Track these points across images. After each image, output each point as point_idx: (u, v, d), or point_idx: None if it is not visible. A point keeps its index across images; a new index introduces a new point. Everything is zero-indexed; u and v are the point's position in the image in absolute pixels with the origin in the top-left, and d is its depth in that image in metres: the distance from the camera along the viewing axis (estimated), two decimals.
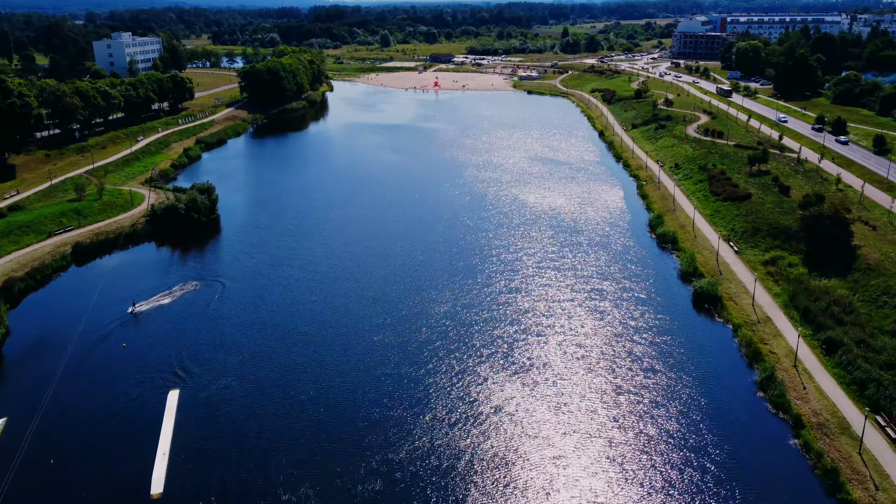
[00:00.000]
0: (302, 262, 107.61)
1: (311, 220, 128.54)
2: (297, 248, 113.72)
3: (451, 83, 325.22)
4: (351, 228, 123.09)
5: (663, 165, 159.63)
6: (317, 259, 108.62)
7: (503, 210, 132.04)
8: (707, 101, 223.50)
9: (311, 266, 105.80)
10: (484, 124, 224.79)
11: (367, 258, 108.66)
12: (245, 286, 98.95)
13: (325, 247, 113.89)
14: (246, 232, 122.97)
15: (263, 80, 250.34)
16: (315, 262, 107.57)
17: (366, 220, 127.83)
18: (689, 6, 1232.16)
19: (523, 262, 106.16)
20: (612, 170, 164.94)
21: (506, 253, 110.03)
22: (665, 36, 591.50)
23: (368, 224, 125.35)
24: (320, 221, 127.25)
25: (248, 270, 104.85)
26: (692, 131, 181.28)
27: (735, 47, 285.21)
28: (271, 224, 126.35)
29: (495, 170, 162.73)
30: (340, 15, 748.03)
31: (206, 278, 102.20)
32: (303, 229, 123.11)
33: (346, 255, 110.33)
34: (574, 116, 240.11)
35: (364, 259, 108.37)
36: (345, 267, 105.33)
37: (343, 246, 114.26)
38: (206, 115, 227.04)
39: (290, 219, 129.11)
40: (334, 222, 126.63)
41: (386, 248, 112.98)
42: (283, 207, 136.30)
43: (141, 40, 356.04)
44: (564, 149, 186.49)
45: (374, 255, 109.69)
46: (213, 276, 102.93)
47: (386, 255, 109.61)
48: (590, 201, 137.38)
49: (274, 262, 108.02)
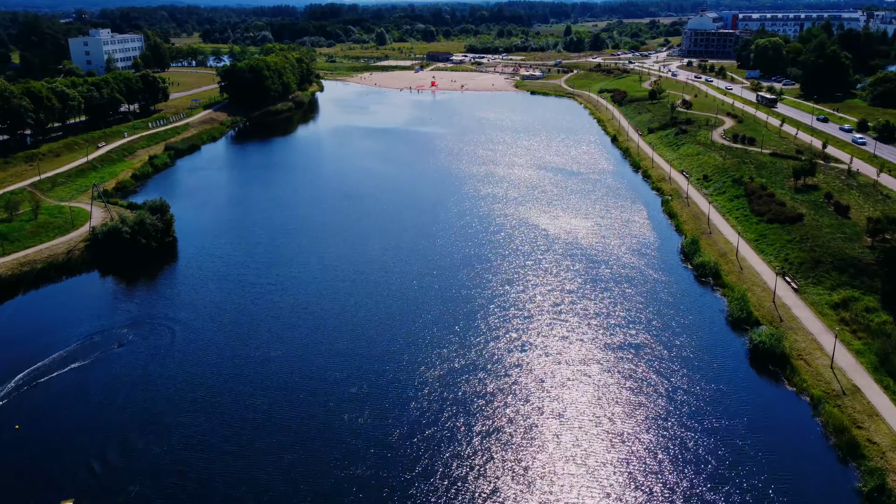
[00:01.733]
0: (268, 303, 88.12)
1: (283, 247, 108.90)
2: (262, 285, 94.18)
3: (449, 83, 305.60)
4: (329, 260, 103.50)
5: (689, 177, 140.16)
6: (285, 300, 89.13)
7: (509, 235, 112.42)
8: (730, 102, 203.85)
9: (277, 309, 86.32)
10: (485, 128, 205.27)
11: (344, 301, 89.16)
12: (195, 336, 79.50)
13: (296, 284, 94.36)
14: (205, 261, 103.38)
15: (245, 79, 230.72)
16: (283, 303, 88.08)
17: (347, 247, 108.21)
18: (690, 5, 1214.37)
19: (536, 305, 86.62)
20: (631, 181, 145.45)
21: (514, 292, 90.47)
22: (670, 34, 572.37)
23: (350, 253, 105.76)
24: (293, 250, 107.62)
25: (202, 314, 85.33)
26: (718, 137, 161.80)
27: (754, 45, 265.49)
28: (235, 251, 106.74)
29: (498, 183, 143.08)
30: (336, 13, 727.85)
31: (149, 324, 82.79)
32: (273, 259, 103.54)
33: (320, 296, 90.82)
34: (582, 119, 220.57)
35: (340, 302, 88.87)
36: (316, 312, 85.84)
37: (317, 283, 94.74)
38: (181, 118, 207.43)
39: (259, 246, 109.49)
40: (310, 251, 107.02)
41: (367, 288, 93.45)
42: (252, 230, 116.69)
43: (121, 37, 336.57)
44: (575, 157, 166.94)
45: (352, 297, 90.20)
46: (157, 321, 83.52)
47: (366, 299, 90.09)
48: (609, 222, 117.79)
49: (235, 302, 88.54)
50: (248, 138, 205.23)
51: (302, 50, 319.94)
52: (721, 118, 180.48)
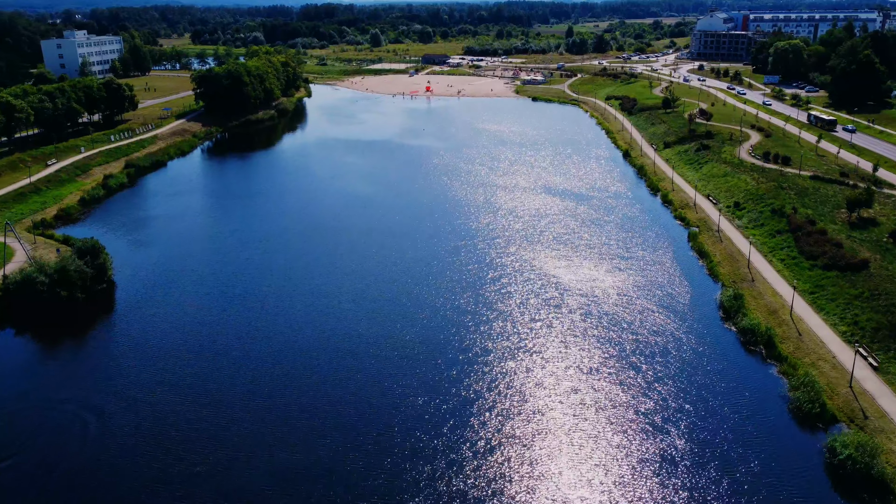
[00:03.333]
0: (217, 372, 69.53)
1: (240, 296, 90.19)
2: (211, 348, 75.52)
3: (445, 88, 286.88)
4: (292, 314, 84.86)
5: (718, 203, 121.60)
6: (239, 367, 70.58)
7: (511, 287, 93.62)
8: (753, 113, 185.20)
9: (231, 380, 67.75)
10: (483, 140, 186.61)
11: (307, 371, 70.60)
12: (125, 422, 60.90)
13: (253, 345, 75.77)
14: (148, 314, 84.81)
15: (222, 86, 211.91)
16: (237, 371, 69.51)
17: (316, 296, 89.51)
18: (692, 5, 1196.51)
19: (549, 393, 68.01)
20: (649, 208, 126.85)
21: (519, 375, 71.85)
22: (675, 35, 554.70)
23: (318, 303, 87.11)
24: (253, 299, 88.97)
25: (129, 399, 66.67)
26: (745, 154, 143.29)
27: (772, 48, 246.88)
28: (185, 300, 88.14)
29: (499, 212, 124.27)
30: (331, 13, 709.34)
31: (63, 408, 64.30)
32: (227, 310, 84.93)
33: (280, 363, 72.23)
34: (589, 130, 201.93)
35: (303, 373, 70.31)
36: (273, 383, 67.29)
37: (276, 345, 76.15)
38: (149, 129, 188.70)
39: (213, 295, 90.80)
40: (271, 301, 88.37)
41: (335, 360, 74.86)
42: (207, 273, 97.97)
43: (97, 39, 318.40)
44: (583, 176, 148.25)
45: (317, 371, 71.63)
46: (77, 403, 65.06)
47: (330, 376, 71.52)
48: (628, 264, 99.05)
49: (176, 372, 70.00)
50: (222, 152, 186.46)
51: (288, 53, 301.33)
52: (746, 131, 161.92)
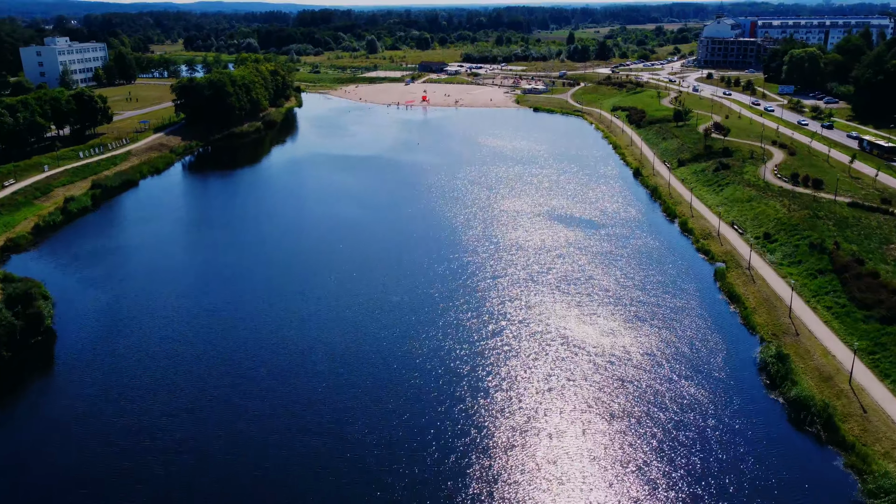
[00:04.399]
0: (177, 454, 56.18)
1: (204, 349, 76.85)
2: (167, 420, 62.22)
3: (442, 98, 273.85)
4: (260, 377, 71.53)
5: (744, 233, 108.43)
6: (193, 438, 57.26)
7: (515, 346, 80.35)
8: (773, 127, 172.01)
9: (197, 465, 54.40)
10: (482, 156, 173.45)
11: (279, 449, 57.21)
12: None
13: (212, 413, 62.46)
14: (92, 374, 71.74)
15: (204, 96, 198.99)
16: (202, 458, 56.16)
17: (286, 354, 76.15)
18: (693, 10, 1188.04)
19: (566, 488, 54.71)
20: (667, 237, 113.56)
21: (528, 473, 58.51)
22: (679, 41, 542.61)
23: (288, 364, 73.77)
24: (218, 353, 75.64)
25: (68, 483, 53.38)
26: (770, 175, 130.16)
27: (787, 56, 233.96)
28: (139, 355, 74.86)
29: (499, 246, 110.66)
30: (328, 18, 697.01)
31: None
32: (189, 368, 71.64)
33: (246, 441, 58.87)
34: (595, 145, 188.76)
35: (275, 452, 56.93)
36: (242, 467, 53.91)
37: (243, 417, 62.82)
38: (123, 144, 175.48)
39: (173, 348, 77.43)
40: (237, 358, 75.05)
41: (305, 437, 61.50)
42: (167, 320, 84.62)
43: (80, 46, 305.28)
44: (592, 199, 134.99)
45: (288, 447, 58.25)
46: None
47: (302, 454, 58.17)
48: (650, 312, 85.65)
49: (126, 456, 56.71)
50: (200, 169, 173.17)
51: (279, 60, 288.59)
52: (768, 149, 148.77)
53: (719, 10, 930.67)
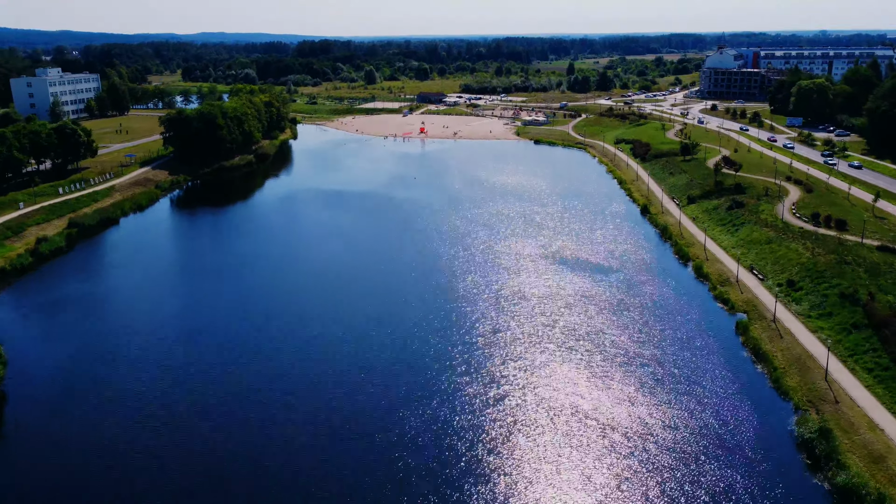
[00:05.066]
0: None
1: (161, 432, 68.09)
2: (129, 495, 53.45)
3: (440, 129, 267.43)
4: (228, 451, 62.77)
5: (765, 279, 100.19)
6: None
7: (521, 419, 71.57)
8: (786, 162, 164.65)
9: None
10: (481, 192, 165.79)
11: None
12: None
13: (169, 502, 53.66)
14: (44, 443, 62.96)
15: (194, 129, 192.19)
16: None
17: (254, 427, 67.44)
18: (691, 41, 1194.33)
19: None
20: (680, 282, 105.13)
21: None
22: (679, 72, 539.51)
23: (264, 443, 65.02)
24: (181, 421, 66.90)
25: None
26: (789, 214, 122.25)
27: (794, 87, 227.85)
28: (99, 422, 66.11)
29: (500, 296, 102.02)
30: (327, 49, 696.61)
31: None
32: (151, 436, 62.82)
33: None
34: (600, 180, 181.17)
35: None
36: None
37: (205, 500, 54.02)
38: (107, 179, 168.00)
39: (136, 412, 68.75)
40: (203, 450, 66.27)
41: None
42: (131, 383, 75.96)
43: (72, 77, 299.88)
44: (598, 240, 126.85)
45: None
46: None
47: None
48: (667, 372, 76.92)
49: None
50: (185, 206, 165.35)
51: (274, 91, 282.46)
52: (783, 185, 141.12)
53: (719, 41, 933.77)
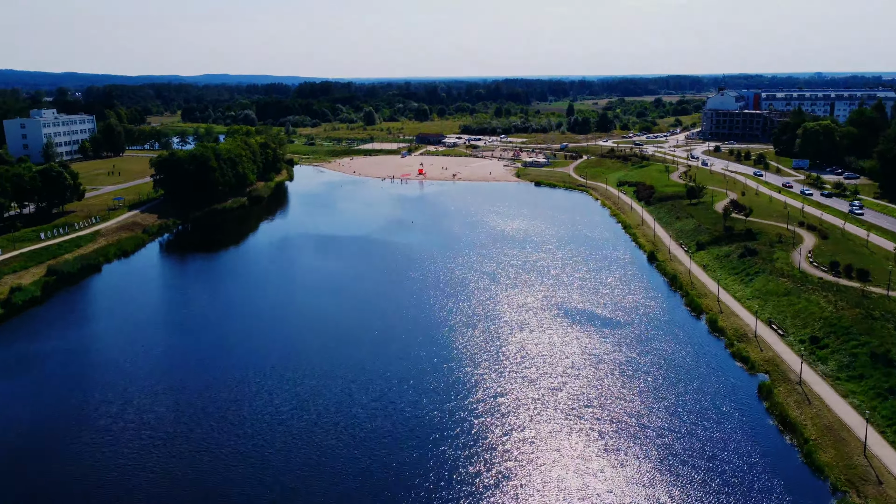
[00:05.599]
0: None
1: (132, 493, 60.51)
2: None
3: (439, 171, 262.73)
4: None
5: (786, 334, 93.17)
6: None
7: None
8: (797, 207, 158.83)
9: None
10: (481, 237, 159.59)
11: None
12: None
13: None
14: None
15: (185, 171, 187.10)
16: None
17: None
18: (688, 83, 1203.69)
19: None
20: (693, 337, 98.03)
21: None
22: (679, 113, 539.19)
23: None
24: None
25: None
26: (805, 264, 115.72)
27: (801, 128, 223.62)
28: None
29: (501, 353, 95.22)
30: (327, 90, 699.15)
31: None
32: None
33: None
34: (604, 224, 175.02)
35: None
36: None
37: None
38: (93, 224, 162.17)
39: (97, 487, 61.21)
40: None
41: None
42: (85, 465, 68.51)
43: (67, 118, 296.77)
44: (604, 289, 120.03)
45: None
46: None
47: None
48: (685, 445, 69.42)
49: None
50: (173, 251, 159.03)
51: (270, 132, 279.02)
52: (796, 231, 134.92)
53: (716, 83, 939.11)
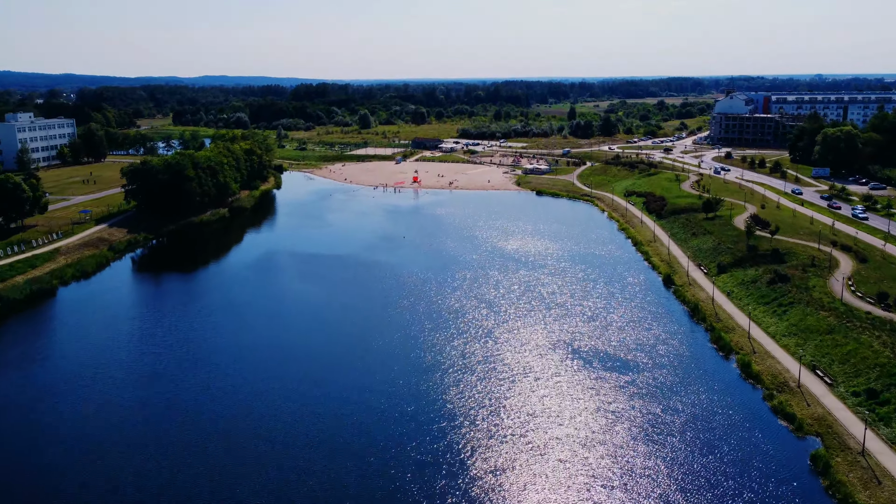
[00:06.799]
0: None
1: None
2: None
3: (435, 179, 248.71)
4: None
5: (836, 384, 79.17)
6: None
7: None
8: (826, 223, 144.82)
9: None
10: (479, 256, 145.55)
11: None
12: None
13: None
14: None
15: (159, 181, 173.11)
16: None
17: None
18: (690, 84, 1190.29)
19: None
20: (726, 385, 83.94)
21: None
22: (683, 116, 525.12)
23: None
24: None
25: None
26: (847, 293, 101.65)
27: (821, 135, 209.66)
28: None
29: (503, 414, 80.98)
30: (323, 92, 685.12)
31: None
32: None
33: None
34: (612, 240, 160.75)
35: None
36: None
37: None
38: (54, 240, 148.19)
39: None
40: None
41: None
42: None
43: (45, 122, 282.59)
44: (617, 323, 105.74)
45: None
46: None
47: None
48: None
49: None
50: (140, 270, 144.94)
51: (257, 137, 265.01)
52: (828, 251, 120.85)
53: (719, 85, 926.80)
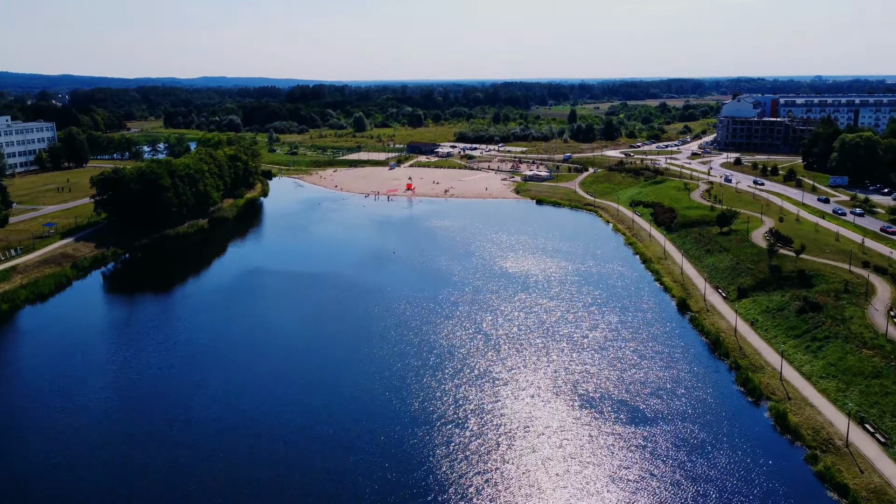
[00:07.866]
0: None
1: None
2: None
3: (430, 186, 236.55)
4: None
5: (890, 444, 67.19)
6: None
7: None
8: (855, 240, 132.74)
9: None
10: (474, 276, 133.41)
11: None
12: None
13: None
14: None
15: (131, 192, 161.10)
16: None
17: None
18: (690, 86, 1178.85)
19: None
20: (758, 442, 71.95)
21: None
22: (685, 118, 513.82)
23: None
24: None
25: None
26: (891, 326, 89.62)
27: (839, 140, 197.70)
28: None
29: (505, 482, 69.35)
30: (318, 94, 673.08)
31: None
32: None
33: None
34: (619, 256, 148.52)
35: None
36: None
37: None
38: (12, 256, 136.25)
39: None
40: None
41: None
42: None
43: (21, 126, 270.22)
44: (631, 359, 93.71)
45: None
46: None
47: None
48: None
49: None
50: (105, 291, 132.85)
51: (242, 142, 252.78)
52: (861, 273, 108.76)
53: (719, 86, 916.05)
